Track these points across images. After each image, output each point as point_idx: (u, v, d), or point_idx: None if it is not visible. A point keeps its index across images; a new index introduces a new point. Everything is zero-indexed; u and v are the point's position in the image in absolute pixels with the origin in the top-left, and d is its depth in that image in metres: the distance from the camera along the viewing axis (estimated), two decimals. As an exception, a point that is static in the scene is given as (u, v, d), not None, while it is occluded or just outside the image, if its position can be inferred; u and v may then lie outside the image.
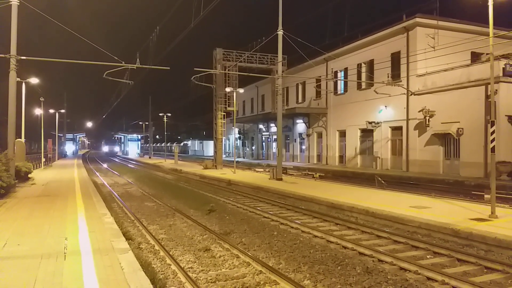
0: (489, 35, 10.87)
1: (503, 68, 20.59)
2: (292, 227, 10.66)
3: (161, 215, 12.52)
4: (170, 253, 8.08)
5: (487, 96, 19.93)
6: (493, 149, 10.51)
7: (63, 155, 59.21)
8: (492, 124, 10.49)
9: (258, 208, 13.41)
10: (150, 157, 60.28)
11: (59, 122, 47.50)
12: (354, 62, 31.20)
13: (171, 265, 7.40)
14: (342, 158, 33.27)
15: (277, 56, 22.81)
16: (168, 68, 20.13)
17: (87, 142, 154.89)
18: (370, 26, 30.90)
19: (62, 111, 47.51)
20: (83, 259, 6.24)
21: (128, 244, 7.55)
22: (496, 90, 19.79)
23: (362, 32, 30.49)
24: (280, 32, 21.41)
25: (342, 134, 33.14)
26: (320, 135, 36.18)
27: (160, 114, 53.12)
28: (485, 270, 7.15)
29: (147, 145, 76.90)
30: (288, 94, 40.87)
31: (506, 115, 20.42)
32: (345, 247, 8.58)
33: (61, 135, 60.74)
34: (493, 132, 10.51)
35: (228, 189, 19.48)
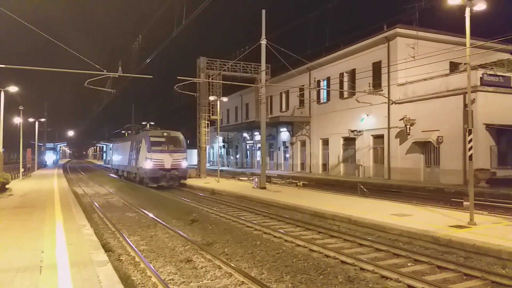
0: (466, 45, 11.15)
1: (480, 77, 21.14)
2: (275, 236, 10.63)
3: (143, 226, 12.33)
4: (151, 264, 7.95)
5: (466, 105, 20.40)
6: (470, 157, 10.72)
7: (43, 165, 57.96)
8: (470, 132, 10.71)
9: (242, 218, 13.34)
10: None
11: (39, 131, 46.58)
12: (336, 71, 31.60)
13: (151, 277, 7.27)
14: (325, 166, 33.48)
15: (260, 65, 22.94)
16: (151, 76, 19.91)
17: (69, 152, 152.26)
18: (352, 36, 31.47)
19: (42, 120, 46.62)
20: (60, 272, 6.08)
21: (108, 256, 7.41)
22: (474, 99, 20.29)
23: (344, 42, 30.96)
24: (263, 42, 21.56)
25: (325, 142, 33.39)
26: (303, 144, 36.38)
27: (143, 123, 52.61)
28: (465, 277, 7.24)
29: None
30: (272, 103, 41.07)
31: (484, 123, 20.89)
32: (327, 256, 8.59)
33: (41, 144, 59.53)
34: (470, 140, 10.74)
35: (212, 198, 19.35)
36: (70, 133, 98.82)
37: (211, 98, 30.55)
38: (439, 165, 22.90)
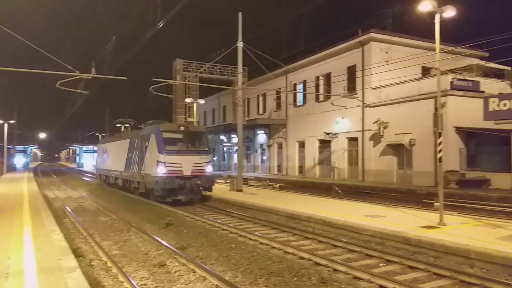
0: (437, 51, 11.49)
1: (450, 82, 21.80)
2: (251, 239, 10.62)
3: (116, 230, 12.08)
4: (123, 269, 7.79)
5: (436, 109, 20.97)
6: (440, 159, 11.02)
7: (12, 168, 56.07)
8: (439, 135, 11.02)
9: (217, 221, 13.26)
10: None
11: (9, 133, 45.04)
12: (312, 75, 31.94)
13: (123, 282, 7.13)
14: (301, 168, 33.76)
15: (237, 68, 22.94)
16: (125, 78, 19.53)
17: (40, 154, 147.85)
18: (328, 40, 31.93)
19: (12, 121, 45.11)
20: (26, 279, 5.88)
21: (78, 261, 7.22)
22: (445, 102, 20.91)
23: (320, 46, 31.41)
24: (240, 44, 21.56)
25: (302, 145, 33.68)
26: (280, 146, 36.57)
27: (118, 125, 51.64)
28: (434, 277, 7.42)
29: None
30: (250, 105, 41.12)
31: (454, 127, 21.55)
32: (301, 258, 8.64)
33: (11, 147, 57.59)
34: (440, 143, 11.04)
35: (187, 201, 19.14)
36: (42, 135, 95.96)
37: (188, 100, 30.34)
38: (411, 167, 23.45)
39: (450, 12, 11.16)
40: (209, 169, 18.27)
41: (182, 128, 18.72)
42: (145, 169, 18.77)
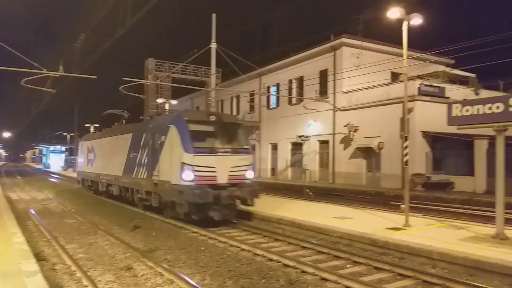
0: (406, 57, 11.83)
1: (418, 87, 22.49)
2: (220, 241, 10.57)
3: (82, 233, 11.75)
4: (88, 273, 7.59)
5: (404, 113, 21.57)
6: (406, 163, 11.35)
7: (-27, 168, 53.60)
8: (406, 139, 11.34)
9: (187, 224, 13.11)
10: (74, 170, 56.60)
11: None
12: (285, 78, 32.21)
13: (87, 286, 6.95)
14: (274, 170, 33.94)
15: (211, 69, 22.82)
16: (95, 77, 19.05)
17: (5, 154, 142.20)
18: (301, 43, 32.31)
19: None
20: (-17, 285, 5.63)
21: (40, 265, 6.99)
22: (412, 107, 21.53)
23: (293, 50, 31.71)
24: (213, 46, 21.48)
25: (274, 147, 33.88)
26: (253, 148, 36.58)
27: (87, 125, 50.30)
28: (398, 277, 7.61)
29: (72, 157, 71.86)
30: (223, 107, 40.98)
31: (421, 131, 22.23)
32: (270, 260, 8.68)
33: (-28, 146, 55.07)
34: (406, 147, 11.36)
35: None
36: (6, 134, 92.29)
37: (160, 100, 29.92)
38: (380, 170, 24.01)
39: (417, 20, 11.54)
40: (250, 174, 13.45)
41: (213, 118, 13.51)
42: (160, 174, 13.55)
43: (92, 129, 49.30)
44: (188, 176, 12.03)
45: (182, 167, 12.11)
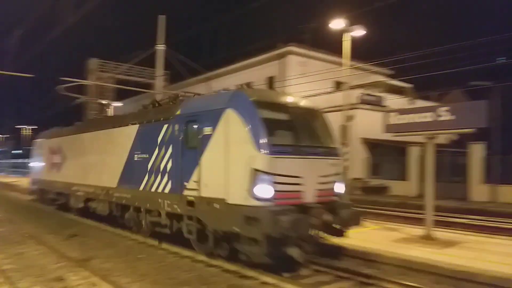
0: (348, 67, 12.35)
1: (359, 96, 23.55)
2: (161, 249, 10.32)
3: (11, 242, 10.93)
4: (14, 285, 7.08)
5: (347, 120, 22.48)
6: (346, 168, 11.79)
7: None
8: (345, 145, 11.81)
9: (127, 231, 12.65)
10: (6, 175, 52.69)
11: None
12: (234, 83, 32.12)
13: (13, 300, 6.47)
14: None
15: (156, 71, 22.35)
16: (33, 75, 17.91)
17: None
18: (250, 49, 32.67)
19: None
20: None
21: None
22: (353, 115, 22.45)
23: (242, 55, 31.95)
24: (160, 47, 21.09)
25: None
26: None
27: (20, 127, 47.15)
28: (335, 278, 7.88)
29: (3, 161, 66.74)
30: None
31: (361, 138, 23.26)
32: (211, 265, 8.61)
33: None
34: (345, 153, 11.82)
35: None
36: None
37: (102, 102, 28.75)
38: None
39: (359, 32, 12.10)
40: (340, 188, 8.85)
41: (291, 101, 9.05)
42: (201, 188, 8.59)
43: (25, 131, 46.26)
44: (265, 191, 7.41)
45: (255, 176, 7.43)
